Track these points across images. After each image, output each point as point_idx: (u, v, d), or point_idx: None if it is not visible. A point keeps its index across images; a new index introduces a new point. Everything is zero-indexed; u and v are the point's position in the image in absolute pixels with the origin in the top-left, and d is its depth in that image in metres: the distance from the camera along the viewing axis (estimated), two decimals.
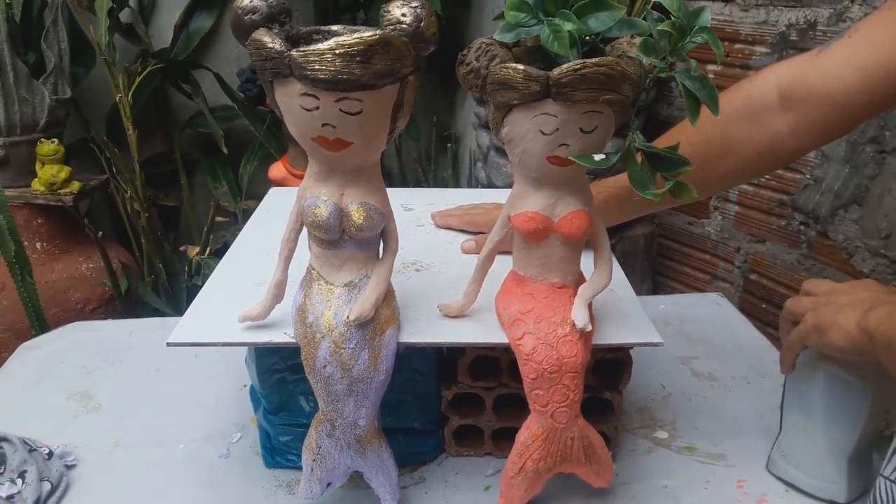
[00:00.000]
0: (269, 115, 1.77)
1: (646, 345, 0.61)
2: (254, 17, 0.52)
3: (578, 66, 0.49)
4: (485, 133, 1.34)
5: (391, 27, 0.51)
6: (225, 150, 1.79)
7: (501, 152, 1.29)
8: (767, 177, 1.24)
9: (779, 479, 0.69)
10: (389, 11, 0.52)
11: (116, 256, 1.65)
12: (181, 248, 1.78)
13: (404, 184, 2.01)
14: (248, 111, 1.80)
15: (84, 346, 0.94)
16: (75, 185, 1.59)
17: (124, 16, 1.80)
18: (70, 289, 1.60)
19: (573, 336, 0.57)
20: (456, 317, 0.64)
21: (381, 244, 0.61)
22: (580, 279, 0.61)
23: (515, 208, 0.58)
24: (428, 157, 1.99)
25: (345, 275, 0.60)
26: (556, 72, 0.50)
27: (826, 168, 1.15)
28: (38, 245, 1.61)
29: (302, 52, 0.49)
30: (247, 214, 1.90)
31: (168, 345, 0.61)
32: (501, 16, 0.55)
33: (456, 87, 2.00)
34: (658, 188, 0.52)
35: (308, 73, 0.49)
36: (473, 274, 0.63)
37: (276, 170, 1.73)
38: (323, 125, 0.52)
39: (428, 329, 0.62)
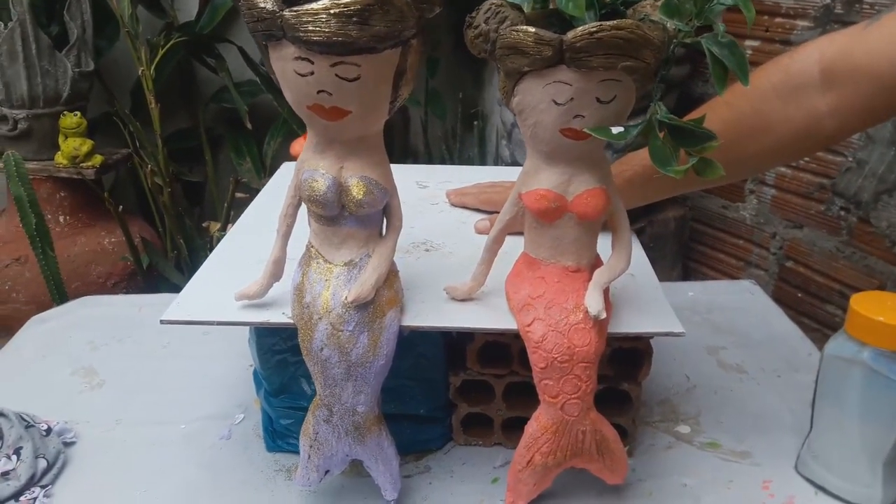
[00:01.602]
0: None
1: (666, 335, 0.57)
2: None
3: (594, 29, 0.45)
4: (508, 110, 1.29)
5: None
6: (249, 126, 1.77)
7: None
8: (807, 159, 1.18)
9: (808, 480, 0.64)
10: None
11: (139, 231, 1.64)
12: (203, 225, 1.77)
13: (430, 162, 1.97)
14: (273, 86, 1.76)
15: (94, 321, 0.93)
16: (97, 159, 1.58)
17: None
18: (92, 262, 1.60)
19: (586, 323, 0.53)
20: (463, 300, 0.60)
21: (385, 221, 0.58)
22: (596, 263, 0.57)
23: (527, 185, 0.54)
24: (454, 135, 1.95)
25: (344, 253, 0.56)
26: (570, 35, 0.46)
27: (870, 151, 1.09)
28: (60, 218, 1.60)
29: (295, 11, 0.45)
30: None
31: (162, 322, 0.59)
32: None
33: (483, 64, 1.95)
34: (681, 164, 0.47)
35: (301, 34, 0.46)
36: (482, 255, 0.59)
37: (298, 145, 1.67)
38: (318, 92, 0.49)
39: (433, 313, 0.59)
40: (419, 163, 1.94)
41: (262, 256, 0.67)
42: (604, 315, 0.52)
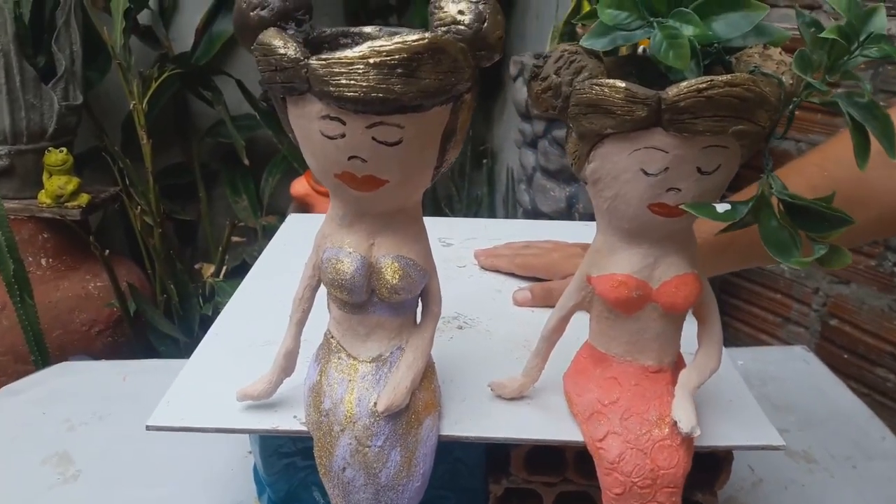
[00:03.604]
0: None
1: (763, 448, 0.47)
2: (262, 12, 0.39)
3: (704, 86, 0.36)
4: (530, 152, 1.20)
5: (444, 28, 0.38)
6: (246, 162, 1.67)
7: (550, 174, 1.15)
8: None
9: None
10: (442, 8, 0.38)
11: (126, 275, 1.54)
12: (196, 266, 1.67)
13: (435, 202, 1.88)
14: (272, 121, 1.68)
15: (71, 393, 0.82)
16: (84, 198, 1.48)
17: (144, 17, 1.70)
18: (75, 309, 1.49)
19: (673, 440, 0.43)
20: (512, 398, 0.50)
21: (420, 305, 0.48)
22: (679, 361, 0.47)
23: (599, 267, 0.44)
24: (461, 172, 1.86)
25: (372, 346, 0.46)
26: (671, 92, 0.36)
27: None
28: (42, 261, 1.50)
29: (324, 60, 0.36)
30: (267, 231, 1.79)
31: (147, 428, 0.48)
32: (587, 16, 0.42)
33: (493, 99, 1.87)
34: (805, 253, 0.38)
35: (332, 89, 0.36)
36: (537, 346, 0.49)
37: (299, 185, 1.60)
38: (350, 158, 0.39)
39: (477, 416, 0.49)
40: (424, 202, 1.85)
41: (268, 338, 0.57)
42: (698, 432, 0.42)
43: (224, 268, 1.53)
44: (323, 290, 0.47)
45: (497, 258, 0.71)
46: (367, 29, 0.45)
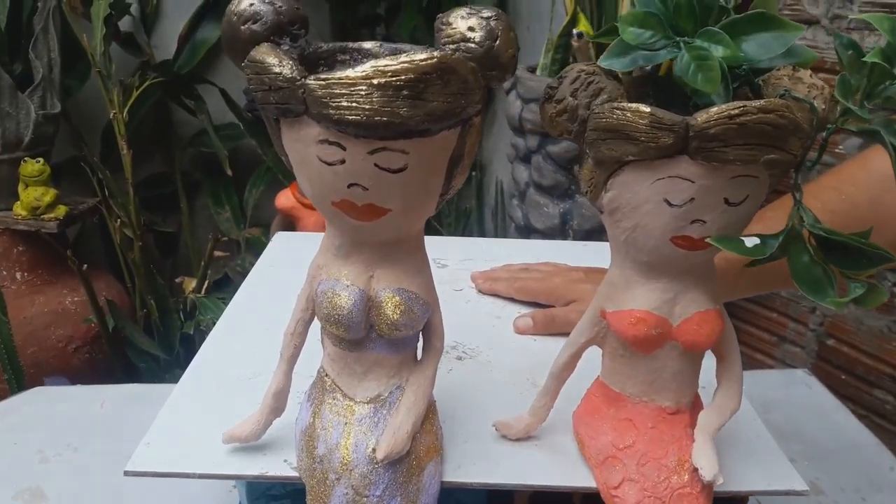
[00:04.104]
0: None
1: (785, 493, 0.44)
2: (254, 26, 0.36)
3: (737, 112, 0.33)
4: (523, 167, 1.18)
5: (453, 46, 0.35)
6: (229, 173, 1.63)
7: (543, 190, 1.12)
8: None
9: None
10: (450, 24, 0.35)
11: (105, 289, 1.49)
12: (177, 280, 1.62)
13: None
14: (256, 131, 1.64)
15: (46, 421, 0.77)
16: (61, 210, 1.43)
17: (125, 24, 1.65)
18: (51, 325, 1.43)
19: (693, 487, 0.40)
20: (518, 439, 0.47)
21: (420, 339, 0.45)
22: (696, 401, 0.44)
23: (615, 302, 0.41)
24: None
25: (370, 386, 0.43)
26: (701, 118, 0.34)
27: None
28: (17, 275, 1.44)
29: (323, 80, 0.33)
30: (250, 244, 1.75)
31: (126, 474, 0.45)
32: (605, 33, 0.39)
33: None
34: (840, 292, 0.35)
35: (332, 112, 0.33)
36: (546, 384, 0.46)
37: (284, 198, 1.56)
38: (350, 185, 0.36)
39: (481, 460, 0.45)
40: None
41: (256, 369, 0.54)
42: (721, 480, 0.39)
43: (206, 282, 1.48)
44: (316, 323, 0.44)
45: (495, 282, 0.68)
46: (367, 45, 0.42)
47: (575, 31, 0.99)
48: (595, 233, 1.09)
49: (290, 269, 0.67)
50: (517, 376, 0.55)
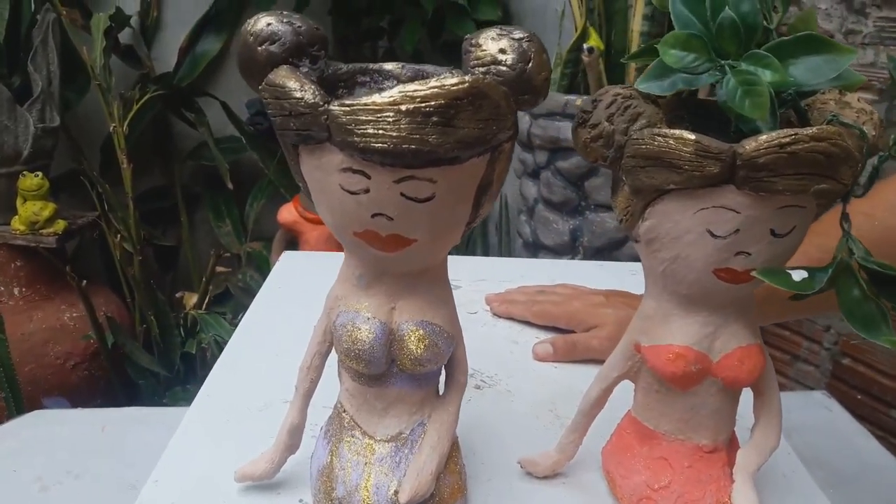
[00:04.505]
0: (280, 149, 1.59)
1: None
2: (272, 47, 0.34)
3: (788, 140, 0.31)
4: (531, 182, 1.16)
5: (483, 69, 0.33)
6: (230, 186, 1.61)
7: (553, 206, 1.10)
8: None
9: None
10: (479, 46, 0.33)
11: (104, 304, 1.46)
12: (177, 295, 1.60)
13: None
14: (257, 144, 1.62)
15: (45, 447, 0.75)
16: (60, 225, 1.41)
17: (125, 37, 1.64)
18: (50, 341, 1.41)
19: None
20: (545, 477, 0.45)
21: (444, 374, 0.43)
22: (733, 439, 0.42)
23: (651, 336, 0.39)
24: None
25: (391, 423, 0.41)
26: (749, 146, 0.32)
27: None
28: (15, 291, 1.42)
29: (348, 107, 0.31)
30: (251, 258, 1.72)
31: None
32: (641, 54, 0.37)
33: None
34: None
35: (357, 139, 0.31)
36: (575, 419, 0.44)
37: (287, 212, 1.54)
38: (374, 216, 0.34)
39: (507, 499, 0.43)
40: None
41: (267, 399, 0.52)
42: None
43: (207, 298, 1.46)
44: (333, 355, 0.42)
45: (512, 304, 0.66)
46: (388, 66, 0.40)
47: (585, 45, 0.98)
48: (605, 250, 1.07)
49: (297, 291, 0.65)
50: (539, 407, 0.53)
